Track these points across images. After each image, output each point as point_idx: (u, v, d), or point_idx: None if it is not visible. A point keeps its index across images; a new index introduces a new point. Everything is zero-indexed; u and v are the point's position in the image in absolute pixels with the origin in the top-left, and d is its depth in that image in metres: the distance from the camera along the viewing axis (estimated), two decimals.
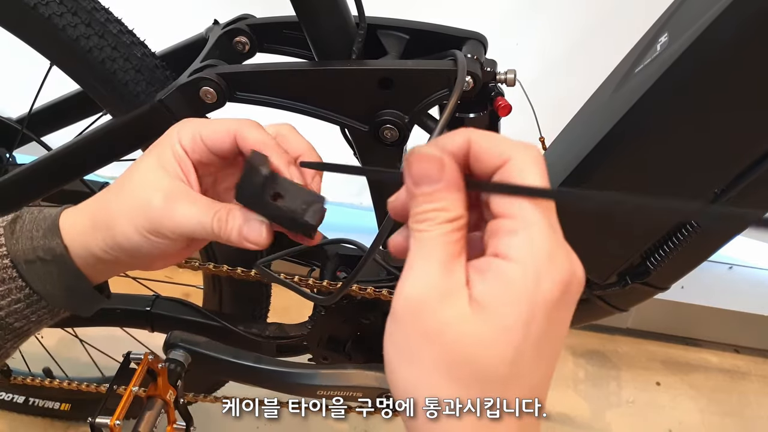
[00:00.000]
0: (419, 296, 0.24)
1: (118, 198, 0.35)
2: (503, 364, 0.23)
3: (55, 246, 0.35)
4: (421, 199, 0.25)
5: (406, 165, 0.25)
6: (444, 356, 0.24)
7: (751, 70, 0.41)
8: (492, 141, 0.25)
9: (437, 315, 0.24)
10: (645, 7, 0.56)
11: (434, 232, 0.24)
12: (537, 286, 0.23)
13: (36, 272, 0.35)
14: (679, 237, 0.50)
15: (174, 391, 0.55)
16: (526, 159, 0.25)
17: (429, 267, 0.24)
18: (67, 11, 0.49)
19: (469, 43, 0.50)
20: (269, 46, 0.55)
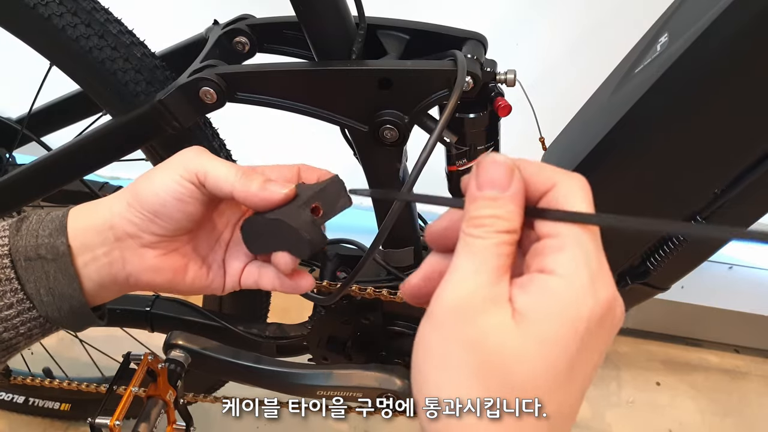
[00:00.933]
0: (464, 301, 0.24)
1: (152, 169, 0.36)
2: (539, 377, 0.23)
3: (59, 244, 0.35)
4: (483, 203, 0.25)
5: (478, 166, 0.26)
6: (480, 364, 0.23)
7: (752, 70, 0.40)
8: (538, 167, 0.26)
9: (479, 322, 0.23)
10: (645, 7, 0.56)
11: (489, 240, 0.24)
12: (581, 301, 0.23)
13: (34, 272, 0.35)
14: (679, 237, 0.50)
15: (174, 392, 0.55)
16: (571, 184, 0.25)
17: (478, 274, 0.24)
18: (66, 11, 0.49)
19: (469, 44, 0.50)
20: (269, 47, 0.55)
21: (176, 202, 0.35)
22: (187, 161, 0.35)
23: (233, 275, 0.39)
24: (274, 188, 0.35)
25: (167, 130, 0.51)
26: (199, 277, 0.38)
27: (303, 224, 0.35)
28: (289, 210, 0.35)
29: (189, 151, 0.36)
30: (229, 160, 0.60)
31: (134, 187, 0.36)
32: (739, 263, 1.16)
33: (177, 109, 0.50)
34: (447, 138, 0.51)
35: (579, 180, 0.26)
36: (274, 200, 0.34)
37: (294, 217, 0.35)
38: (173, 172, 0.35)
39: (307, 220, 0.35)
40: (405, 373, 0.61)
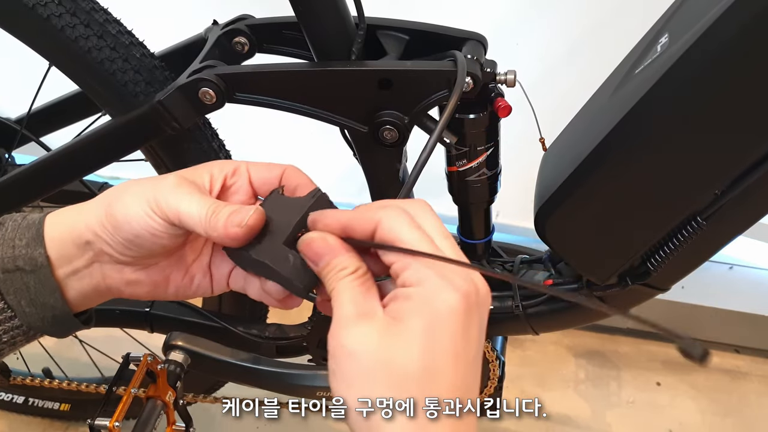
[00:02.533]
0: (343, 335, 0.29)
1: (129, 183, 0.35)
2: (414, 363, 0.28)
3: (37, 256, 0.34)
4: (324, 270, 0.31)
5: (303, 251, 0.32)
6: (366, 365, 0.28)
7: (752, 70, 0.40)
8: (359, 212, 0.32)
9: (354, 335, 0.29)
10: (645, 7, 0.56)
11: (340, 285, 0.31)
12: (435, 297, 0.29)
13: (13, 284, 0.34)
14: (679, 238, 0.50)
15: (173, 392, 0.55)
16: (390, 216, 0.31)
17: (344, 309, 0.30)
18: (66, 12, 0.49)
19: (469, 44, 0.50)
20: (268, 47, 0.55)
21: (150, 236, 0.33)
22: (160, 195, 0.33)
23: (220, 280, 0.38)
24: (235, 222, 0.32)
25: (167, 130, 0.51)
26: (182, 287, 0.37)
27: (292, 271, 0.32)
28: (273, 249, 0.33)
29: (166, 183, 0.34)
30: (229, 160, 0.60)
31: (109, 206, 0.34)
32: (739, 263, 1.16)
33: (176, 109, 0.50)
34: (447, 139, 0.51)
35: (395, 209, 0.31)
36: (240, 238, 0.33)
37: (280, 261, 0.32)
38: (146, 205, 0.33)
39: (297, 264, 0.32)
40: None
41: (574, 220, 0.53)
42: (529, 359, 1.12)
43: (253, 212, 0.33)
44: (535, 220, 0.55)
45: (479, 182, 0.55)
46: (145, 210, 0.33)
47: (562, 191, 0.52)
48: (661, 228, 0.50)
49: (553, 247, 0.57)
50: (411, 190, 0.40)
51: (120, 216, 0.33)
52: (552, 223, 0.54)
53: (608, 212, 0.51)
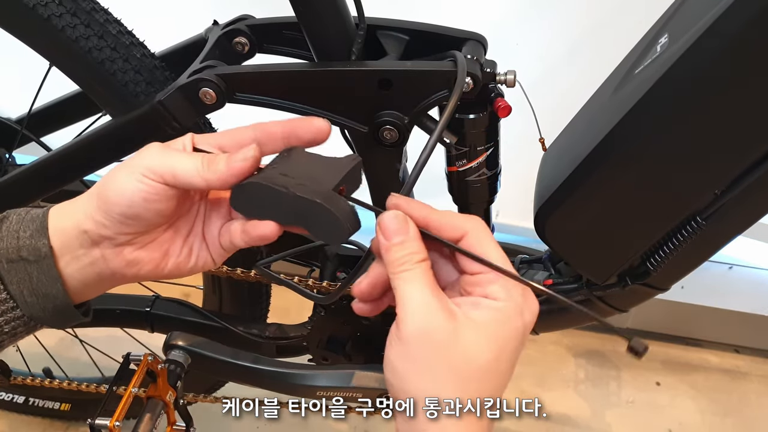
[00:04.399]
0: (426, 320, 0.31)
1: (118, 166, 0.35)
2: (488, 364, 0.32)
3: (41, 246, 0.35)
4: (397, 248, 0.33)
5: (380, 225, 0.33)
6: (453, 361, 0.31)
7: (752, 70, 0.40)
8: (447, 215, 0.34)
9: (437, 321, 0.31)
10: (645, 7, 0.56)
11: (416, 270, 0.33)
12: (520, 316, 0.33)
13: (16, 273, 0.35)
14: (679, 238, 0.50)
15: (174, 392, 0.55)
16: (479, 230, 0.34)
17: (424, 295, 0.32)
18: (66, 12, 0.49)
19: (468, 44, 0.50)
20: (269, 47, 0.55)
21: (145, 203, 0.34)
22: (151, 161, 0.34)
23: (214, 245, 0.38)
24: (239, 157, 0.34)
25: (167, 130, 0.51)
26: (182, 261, 0.38)
27: (344, 213, 0.33)
28: (322, 190, 0.33)
29: (151, 150, 0.35)
30: None
31: (102, 188, 0.35)
32: (739, 263, 1.16)
33: (177, 109, 0.50)
34: (447, 139, 0.51)
35: (482, 223, 0.34)
36: (246, 170, 0.34)
37: (333, 201, 0.33)
38: (138, 174, 0.34)
39: (347, 209, 0.33)
40: None
41: (573, 220, 0.53)
42: (528, 359, 1.12)
43: (254, 147, 0.34)
44: (535, 219, 0.55)
45: (479, 182, 0.55)
46: (138, 179, 0.34)
47: (561, 191, 0.52)
48: (661, 228, 0.50)
49: (552, 247, 0.57)
50: (411, 190, 0.40)
51: (112, 192, 0.34)
52: (552, 222, 0.54)
53: (608, 212, 0.51)
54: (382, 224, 0.34)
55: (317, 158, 0.36)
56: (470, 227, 0.34)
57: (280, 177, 0.34)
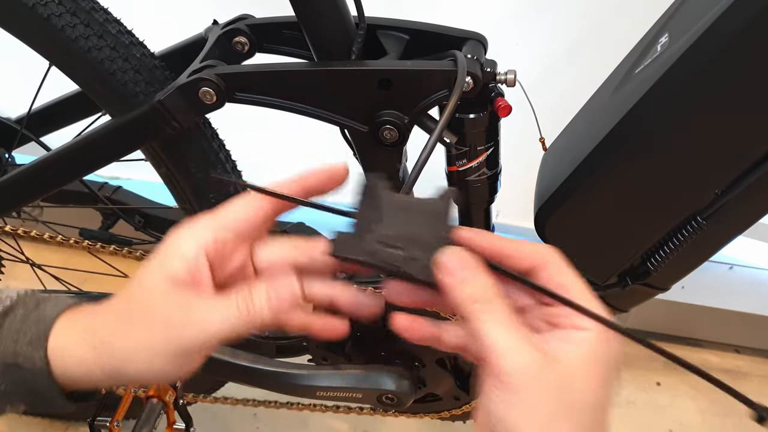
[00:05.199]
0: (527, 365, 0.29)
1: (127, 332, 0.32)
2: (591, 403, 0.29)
3: (37, 359, 0.33)
4: (470, 284, 0.30)
5: (438, 263, 0.31)
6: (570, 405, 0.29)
7: (752, 70, 0.40)
8: (517, 243, 0.32)
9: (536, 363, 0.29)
10: (645, 7, 0.56)
11: (494, 308, 0.30)
12: (611, 346, 0.31)
13: (10, 375, 0.33)
14: (679, 237, 0.50)
15: (173, 392, 0.55)
16: (558, 262, 0.32)
17: (514, 338, 0.29)
18: (66, 12, 0.49)
19: (469, 44, 0.50)
20: (269, 47, 0.55)
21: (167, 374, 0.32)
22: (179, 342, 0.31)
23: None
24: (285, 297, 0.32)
25: (167, 130, 0.51)
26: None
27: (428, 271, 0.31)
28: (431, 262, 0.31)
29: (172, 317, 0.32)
30: (229, 160, 0.60)
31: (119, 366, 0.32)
32: (739, 263, 1.16)
33: (176, 109, 0.50)
34: (447, 138, 0.51)
35: (559, 254, 0.32)
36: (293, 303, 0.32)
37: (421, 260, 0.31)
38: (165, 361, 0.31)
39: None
40: (404, 373, 0.61)
41: (574, 220, 0.53)
42: None
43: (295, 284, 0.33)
44: (535, 219, 0.55)
45: (479, 182, 0.55)
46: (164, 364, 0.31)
47: (562, 191, 0.52)
48: (661, 228, 0.50)
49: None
50: (411, 189, 0.40)
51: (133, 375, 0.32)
52: (552, 222, 0.54)
53: (608, 212, 0.51)
54: (440, 263, 0.31)
55: (407, 203, 0.34)
56: (547, 257, 0.32)
57: (384, 250, 0.32)
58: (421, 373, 0.66)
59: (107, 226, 0.81)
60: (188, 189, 0.59)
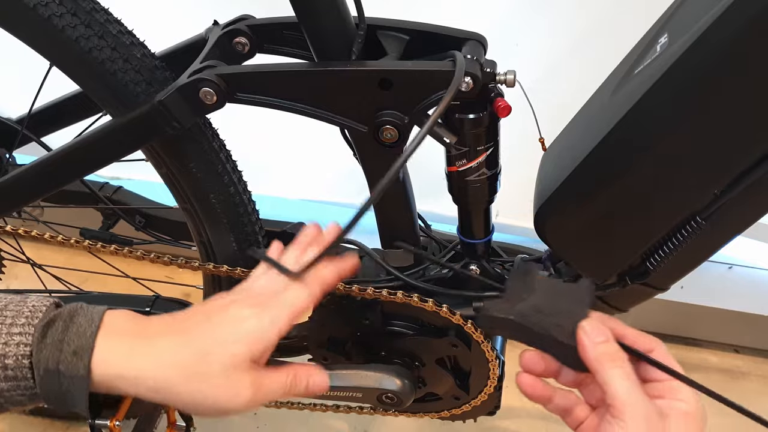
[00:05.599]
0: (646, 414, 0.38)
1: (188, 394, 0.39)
2: None
3: (80, 367, 0.37)
4: (602, 346, 0.41)
5: (583, 328, 0.41)
6: None
7: (752, 70, 0.40)
8: (637, 334, 0.43)
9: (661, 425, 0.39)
10: (645, 7, 0.56)
11: (624, 367, 0.40)
12: (704, 417, 0.41)
13: (48, 381, 0.37)
14: (679, 237, 0.50)
15: None
16: (663, 350, 0.42)
17: (637, 391, 0.39)
18: (66, 12, 0.49)
19: (468, 44, 0.50)
20: (269, 47, 0.55)
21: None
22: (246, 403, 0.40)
23: None
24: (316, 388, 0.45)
25: (167, 130, 0.51)
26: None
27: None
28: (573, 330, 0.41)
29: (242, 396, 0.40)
30: (229, 160, 0.60)
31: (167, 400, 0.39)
32: (739, 263, 1.16)
33: (177, 109, 0.50)
34: (447, 138, 0.51)
35: (662, 344, 0.43)
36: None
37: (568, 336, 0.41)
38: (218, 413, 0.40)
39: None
40: (404, 372, 0.61)
41: (573, 220, 0.53)
42: None
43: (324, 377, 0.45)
44: (535, 219, 0.55)
45: (479, 182, 0.55)
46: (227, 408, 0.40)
47: (561, 191, 0.52)
48: (661, 228, 0.51)
49: (552, 247, 0.57)
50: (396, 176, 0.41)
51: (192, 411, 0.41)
52: (551, 222, 0.54)
53: (607, 212, 0.51)
54: (585, 328, 0.41)
55: (556, 285, 0.45)
56: (656, 344, 0.42)
57: (534, 315, 0.42)
58: (421, 372, 0.66)
59: (108, 226, 0.81)
60: (188, 189, 0.59)
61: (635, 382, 0.39)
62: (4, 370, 0.36)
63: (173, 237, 0.79)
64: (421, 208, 0.63)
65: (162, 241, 0.79)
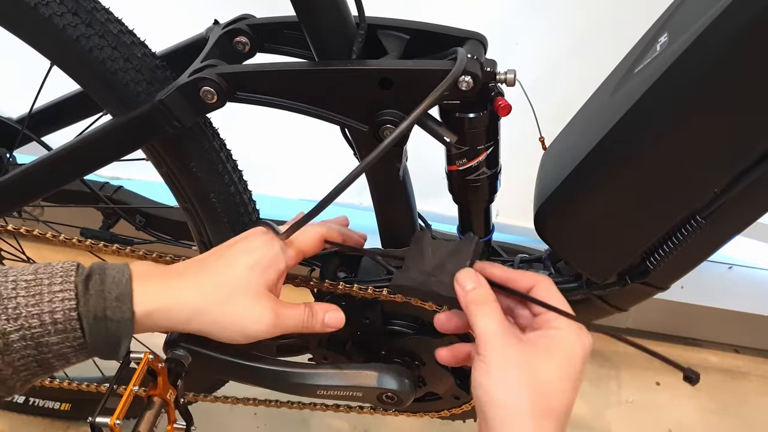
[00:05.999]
0: (501, 344, 0.42)
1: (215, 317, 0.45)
2: (553, 379, 0.41)
3: (126, 310, 0.42)
4: (472, 293, 0.45)
5: (457, 279, 0.46)
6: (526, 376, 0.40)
7: (751, 70, 0.41)
8: (520, 273, 0.46)
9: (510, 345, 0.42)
10: (645, 6, 0.56)
11: (487, 307, 0.44)
12: (578, 343, 0.42)
13: (97, 328, 0.41)
14: (678, 237, 0.50)
15: (174, 391, 0.55)
16: (545, 284, 0.45)
17: (497, 326, 0.42)
18: (67, 11, 0.49)
19: (469, 43, 0.50)
20: (269, 46, 0.55)
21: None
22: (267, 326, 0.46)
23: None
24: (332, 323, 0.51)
25: (168, 129, 0.51)
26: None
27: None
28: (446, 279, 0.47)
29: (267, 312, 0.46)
30: (230, 159, 0.60)
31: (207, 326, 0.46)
32: (739, 263, 1.16)
33: (177, 108, 0.50)
34: (447, 138, 0.51)
35: (549, 280, 0.46)
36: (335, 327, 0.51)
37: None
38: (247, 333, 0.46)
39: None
40: (404, 372, 0.61)
41: (573, 219, 0.53)
42: None
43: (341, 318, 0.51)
44: (535, 219, 0.55)
45: (479, 181, 0.56)
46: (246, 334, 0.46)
47: (561, 190, 0.52)
48: (660, 227, 0.51)
49: (552, 246, 0.57)
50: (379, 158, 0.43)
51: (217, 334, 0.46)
52: (551, 222, 0.54)
53: (607, 211, 0.51)
54: (458, 279, 0.45)
55: (442, 245, 0.50)
56: (539, 280, 0.45)
57: (423, 279, 0.48)
58: (421, 372, 0.66)
59: (108, 226, 0.81)
60: (189, 188, 0.59)
61: (499, 321, 0.42)
62: (54, 325, 0.40)
63: (174, 236, 0.80)
64: (422, 208, 0.63)
65: (162, 241, 0.79)
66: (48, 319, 0.40)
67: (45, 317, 0.40)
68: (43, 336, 0.40)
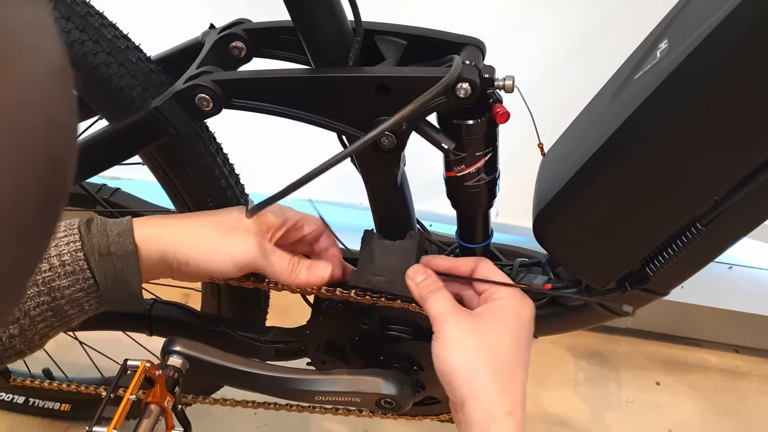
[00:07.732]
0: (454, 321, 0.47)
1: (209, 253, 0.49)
2: (503, 343, 0.47)
3: (128, 243, 0.44)
4: (424, 284, 0.50)
5: (408, 274, 0.52)
6: (480, 343, 0.46)
7: (752, 78, 0.40)
8: (459, 261, 0.53)
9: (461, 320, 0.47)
10: (645, 12, 0.56)
11: (437, 294, 0.49)
12: (519, 307, 0.49)
13: (104, 265, 0.43)
14: (678, 243, 0.50)
15: (172, 398, 0.55)
16: (484, 265, 0.52)
17: (448, 307, 0.48)
18: (60, 17, 0.48)
19: (467, 49, 0.50)
20: (266, 51, 0.55)
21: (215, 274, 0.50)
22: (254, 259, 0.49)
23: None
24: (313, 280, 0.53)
25: (163, 136, 0.51)
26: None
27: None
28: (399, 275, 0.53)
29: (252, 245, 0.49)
30: (226, 164, 0.60)
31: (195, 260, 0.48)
32: (739, 263, 1.16)
33: (173, 116, 0.50)
34: (445, 144, 0.50)
35: (487, 261, 0.53)
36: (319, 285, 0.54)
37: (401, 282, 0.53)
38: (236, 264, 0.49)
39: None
40: (403, 377, 0.61)
41: (572, 226, 0.53)
42: None
43: (328, 269, 0.53)
44: (534, 225, 0.55)
45: (477, 187, 0.55)
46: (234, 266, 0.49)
47: (560, 197, 0.51)
48: (661, 234, 0.50)
49: (551, 252, 0.57)
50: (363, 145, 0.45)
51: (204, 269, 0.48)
52: (550, 228, 0.54)
53: (607, 218, 0.51)
54: (409, 275, 0.51)
55: (389, 245, 0.55)
56: (478, 262, 0.52)
57: (375, 279, 0.54)
58: (420, 376, 0.66)
59: None
60: (185, 193, 0.59)
61: (449, 302, 0.48)
62: (63, 267, 0.42)
63: None
64: (422, 208, 0.63)
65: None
66: (56, 262, 0.42)
67: (53, 260, 0.42)
68: (54, 280, 0.42)
